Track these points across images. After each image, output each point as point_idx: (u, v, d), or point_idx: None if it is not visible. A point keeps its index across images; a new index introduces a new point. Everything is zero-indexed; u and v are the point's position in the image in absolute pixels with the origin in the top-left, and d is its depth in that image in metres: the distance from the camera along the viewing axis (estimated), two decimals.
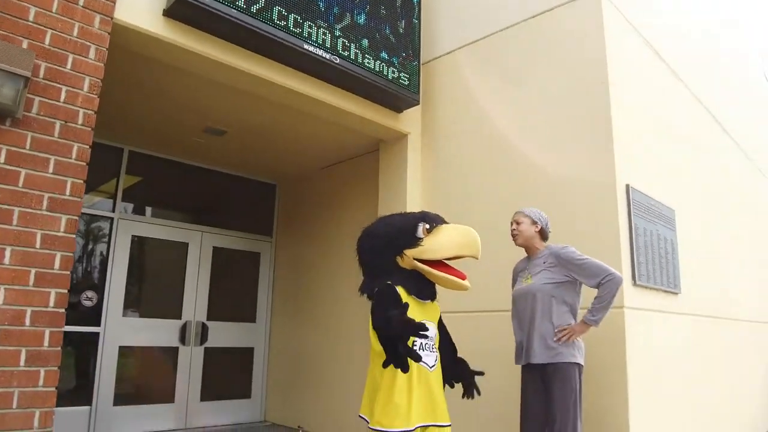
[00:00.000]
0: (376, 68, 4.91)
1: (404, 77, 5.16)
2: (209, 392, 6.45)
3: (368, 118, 5.18)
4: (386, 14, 5.09)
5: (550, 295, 3.19)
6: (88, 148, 3.15)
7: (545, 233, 3.50)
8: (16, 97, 2.79)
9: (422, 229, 2.84)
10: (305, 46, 4.34)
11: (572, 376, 3.11)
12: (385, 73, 4.98)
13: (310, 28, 4.38)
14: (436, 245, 2.81)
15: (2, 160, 2.83)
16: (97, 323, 5.68)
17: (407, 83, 5.19)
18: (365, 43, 4.84)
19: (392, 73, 5.05)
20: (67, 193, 3.05)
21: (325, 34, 4.50)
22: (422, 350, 2.76)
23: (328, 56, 4.50)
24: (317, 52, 4.42)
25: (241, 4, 3.92)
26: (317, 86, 4.75)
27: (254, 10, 4.00)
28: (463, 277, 2.86)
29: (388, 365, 2.67)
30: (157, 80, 4.68)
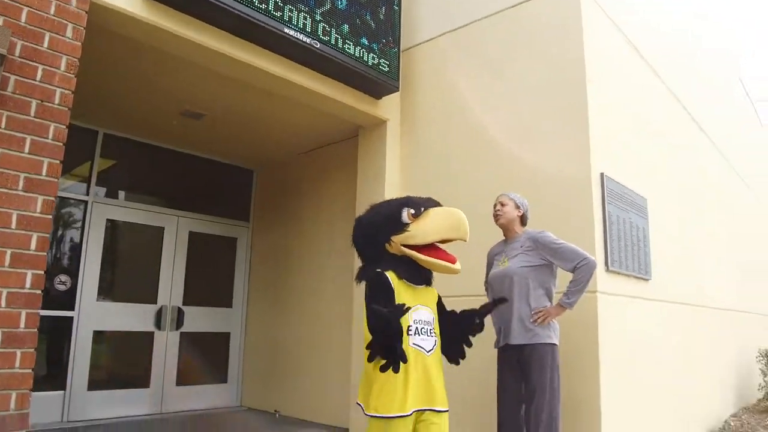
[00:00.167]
0: (356, 54, 4.91)
1: (384, 63, 5.17)
2: (185, 377, 6.44)
3: (347, 103, 5.18)
4: (367, 0, 5.09)
5: (526, 277, 3.26)
6: (64, 128, 3.11)
7: (525, 219, 3.58)
8: None
9: (407, 214, 2.81)
10: (286, 29, 4.32)
11: (549, 356, 3.20)
12: (365, 59, 4.98)
13: (290, 11, 4.36)
14: (421, 230, 2.78)
15: None
16: (71, 308, 5.61)
17: (387, 69, 5.20)
18: (346, 28, 4.84)
19: (372, 59, 5.06)
20: (43, 173, 3.00)
21: (305, 18, 4.48)
22: (418, 334, 2.74)
23: (308, 41, 4.48)
24: (297, 36, 4.40)
25: None
26: (297, 71, 4.74)
27: None
28: (452, 260, 2.83)
29: (385, 368, 2.62)
30: (134, 61, 4.61)
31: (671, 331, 5.22)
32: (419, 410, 2.64)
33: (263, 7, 4.15)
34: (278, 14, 4.26)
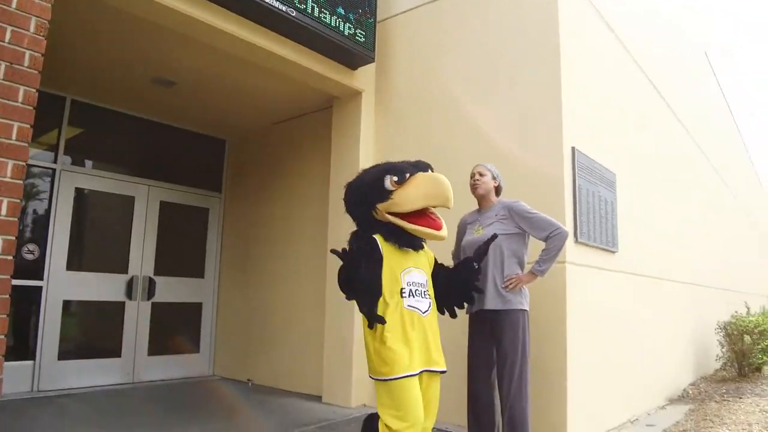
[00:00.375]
0: (331, 23, 4.87)
1: (360, 34, 5.14)
2: (157, 347, 6.43)
3: (322, 73, 5.15)
4: None
5: (501, 245, 3.34)
6: (34, 91, 3.03)
7: (500, 189, 3.65)
8: None
9: (389, 181, 2.77)
10: None
11: (521, 321, 3.30)
12: (341, 28, 4.95)
13: None
14: (403, 197, 2.75)
15: None
16: (39, 277, 5.53)
17: (363, 40, 5.18)
18: None
19: (348, 29, 5.03)
20: (13, 137, 2.93)
21: None
22: (412, 296, 2.76)
23: (284, 8, 4.43)
24: (273, 3, 4.35)
25: None
26: (271, 38, 4.69)
27: None
28: (438, 227, 2.80)
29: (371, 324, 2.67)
30: (104, 26, 4.50)
31: (635, 302, 5.40)
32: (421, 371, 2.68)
33: None
34: None
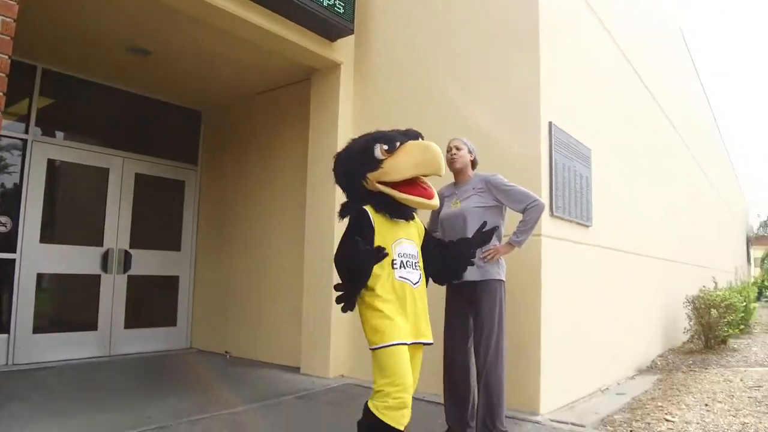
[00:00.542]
0: None
1: (339, 4, 5.09)
2: (133, 320, 6.41)
3: (301, 44, 5.10)
4: None
5: (479, 217, 3.37)
6: (7, 58, 2.95)
7: (476, 163, 3.68)
8: None
9: (380, 150, 2.70)
10: None
11: (498, 291, 3.36)
12: None
13: None
14: (395, 166, 2.68)
15: None
16: (12, 250, 5.46)
17: (342, 11, 5.13)
18: None
19: None
20: None
21: None
22: (404, 267, 2.74)
23: None
24: None
25: None
26: (248, 7, 4.62)
27: None
28: (429, 196, 2.74)
29: (339, 301, 2.71)
30: None
31: (608, 275, 5.53)
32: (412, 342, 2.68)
33: None
34: None
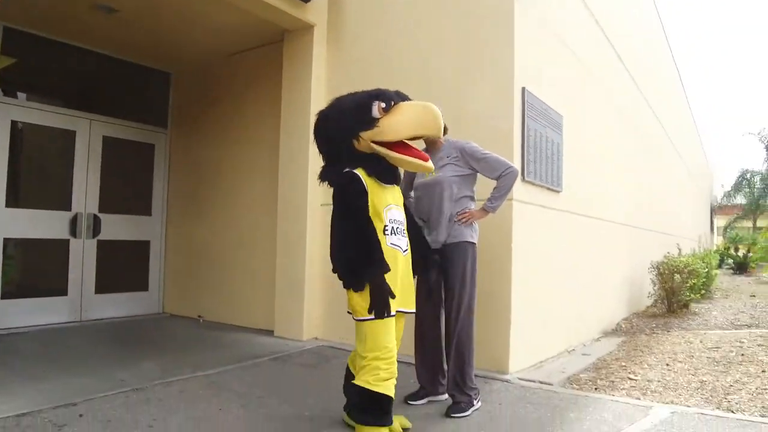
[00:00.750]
0: None
1: None
2: (104, 285, 6.35)
3: (272, 4, 4.98)
4: None
5: (455, 185, 3.42)
6: None
7: (446, 129, 3.68)
8: None
9: (377, 108, 2.59)
10: None
11: (469, 253, 3.42)
12: None
13: None
14: (393, 125, 2.58)
15: None
16: None
17: None
18: None
19: None
20: None
21: None
22: (394, 234, 2.68)
23: None
24: None
25: None
26: None
27: None
28: (425, 158, 2.69)
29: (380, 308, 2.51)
30: None
31: (576, 240, 5.65)
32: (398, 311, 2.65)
33: None
34: None
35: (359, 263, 2.52)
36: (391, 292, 2.54)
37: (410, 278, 2.82)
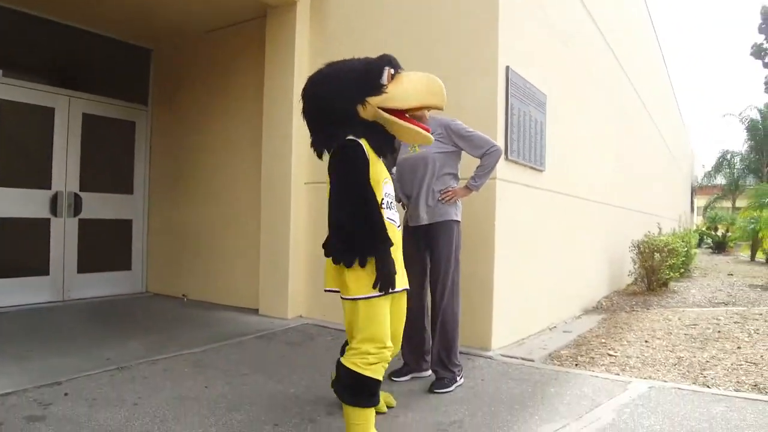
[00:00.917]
0: None
1: None
2: (87, 264, 6.29)
3: None
4: None
5: (438, 162, 3.43)
6: None
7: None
8: None
9: (387, 74, 2.47)
10: None
11: (454, 231, 3.44)
12: None
13: None
14: (402, 93, 2.46)
15: None
16: None
17: None
18: None
19: None
20: None
21: None
22: (389, 209, 2.57)
23: None
24: None
25: None
26: None
27: None
28: (428, 129, 2.61)
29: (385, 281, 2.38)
30: None
31: (558, 219, 5.70)
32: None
33: None
34: None
35: (368, 237, 2.40)
36: (394, 266, 2.45)
37: (401, 254, 2.73)
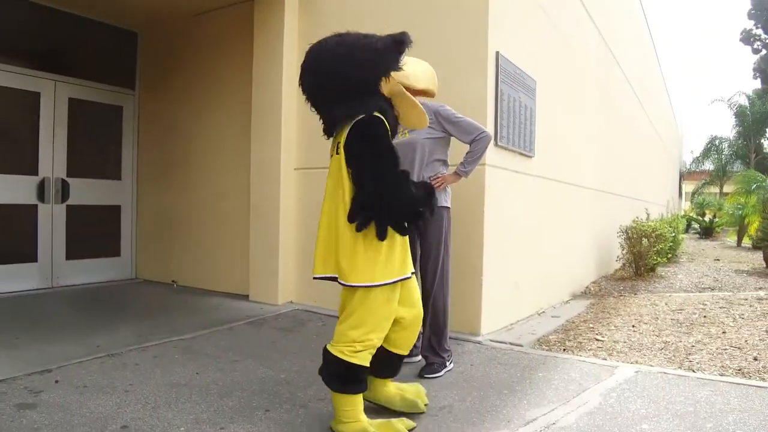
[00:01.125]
0: None
1: None
2: (75, 251, 6.25)
3: None
4: None
5: (428, 148, 3.44)
6: None
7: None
8: None
9: (405, 53, 2.45)
10: None
11: (444, 218, 3.46)
12: None
13: None
14: (414, 73, 2.51)
15: None
16: None
17: None
18: None
19: None
20: None
21: None
22: None
23: None
24: None
25: None
26: None
27: None
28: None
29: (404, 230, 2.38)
30: None
31: (547, 205, 5.73)
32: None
33: None
34: None
35: (422, 198, 2.39)
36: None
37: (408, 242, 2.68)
